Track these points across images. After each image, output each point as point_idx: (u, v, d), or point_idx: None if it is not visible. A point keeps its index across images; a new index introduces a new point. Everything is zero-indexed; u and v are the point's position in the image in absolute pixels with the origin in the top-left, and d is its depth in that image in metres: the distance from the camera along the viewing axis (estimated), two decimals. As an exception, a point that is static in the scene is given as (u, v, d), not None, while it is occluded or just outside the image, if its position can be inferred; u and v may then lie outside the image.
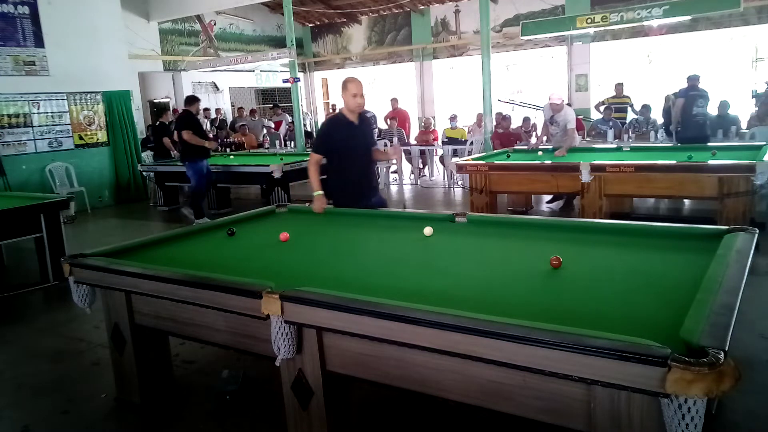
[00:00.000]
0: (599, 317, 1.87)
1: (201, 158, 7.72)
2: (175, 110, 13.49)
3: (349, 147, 3.96)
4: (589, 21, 8.59)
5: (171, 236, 3.45)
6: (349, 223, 3.76)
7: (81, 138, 9.83)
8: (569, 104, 10.62)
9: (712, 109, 8.47)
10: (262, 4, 14.22)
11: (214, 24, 14.42)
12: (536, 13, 12.79)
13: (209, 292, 2.34)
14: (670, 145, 7.72)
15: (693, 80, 7.58)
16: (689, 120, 7.43)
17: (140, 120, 11.19)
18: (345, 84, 3.97)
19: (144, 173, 9.99)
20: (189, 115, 7.72)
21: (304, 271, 2.66)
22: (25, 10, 9.00)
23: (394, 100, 12.24)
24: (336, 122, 4.08)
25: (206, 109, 13.65)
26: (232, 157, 9.73)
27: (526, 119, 10.74)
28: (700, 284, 1.99)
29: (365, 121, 4.16)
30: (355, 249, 3.14)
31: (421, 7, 14.63)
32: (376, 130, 8.29)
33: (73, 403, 3.11)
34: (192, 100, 7.82)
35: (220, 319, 2.45)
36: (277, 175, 7.68)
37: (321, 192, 3.90)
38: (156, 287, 2.55)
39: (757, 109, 9.10)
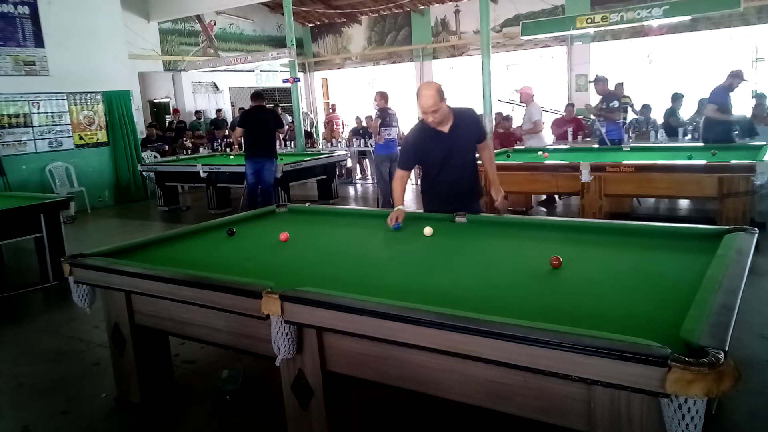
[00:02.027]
0: (599, 317, 1.87)
1: None
2: (175, 110, 13.53)
3: (434, 156, 3.53)
4: (589, 21, 8.59)
5: (171, 236, 3.45)
6: (349, 223, 3.76)
7: (81, 138, 9.83)
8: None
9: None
10: (262, 4, 14.21)
11: (214, 24, 14.42)
12: (536, 13, 12.78)
13: (209, 292, 2.34)
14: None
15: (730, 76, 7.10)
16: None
17: (140, 120, 11.19)
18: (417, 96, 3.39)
19: (144, 173, 10.00)
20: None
21: (304, 271, 2.65)
22: (25, 10, 9.00)
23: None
24: (421, 130, 3.54)
25: (198, 112, 13.68)
26: (232, 157, 9.73)
27: (526, 119, 10.71)
28: (700, 284, 1.99)
29: (462, 124, 3.51)
30: (355, 249, 3.14)
31: (421, 7, 14.62)
32: (396, 129, 8.10)
33: (73, 403, 3.11)
34: (262, 96, 7.85)
35: (220, 319, 2.45)
36: (277, 175, 7.69)
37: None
38: (156, 287, 2.55)
39: (753, 108, 9.07)
